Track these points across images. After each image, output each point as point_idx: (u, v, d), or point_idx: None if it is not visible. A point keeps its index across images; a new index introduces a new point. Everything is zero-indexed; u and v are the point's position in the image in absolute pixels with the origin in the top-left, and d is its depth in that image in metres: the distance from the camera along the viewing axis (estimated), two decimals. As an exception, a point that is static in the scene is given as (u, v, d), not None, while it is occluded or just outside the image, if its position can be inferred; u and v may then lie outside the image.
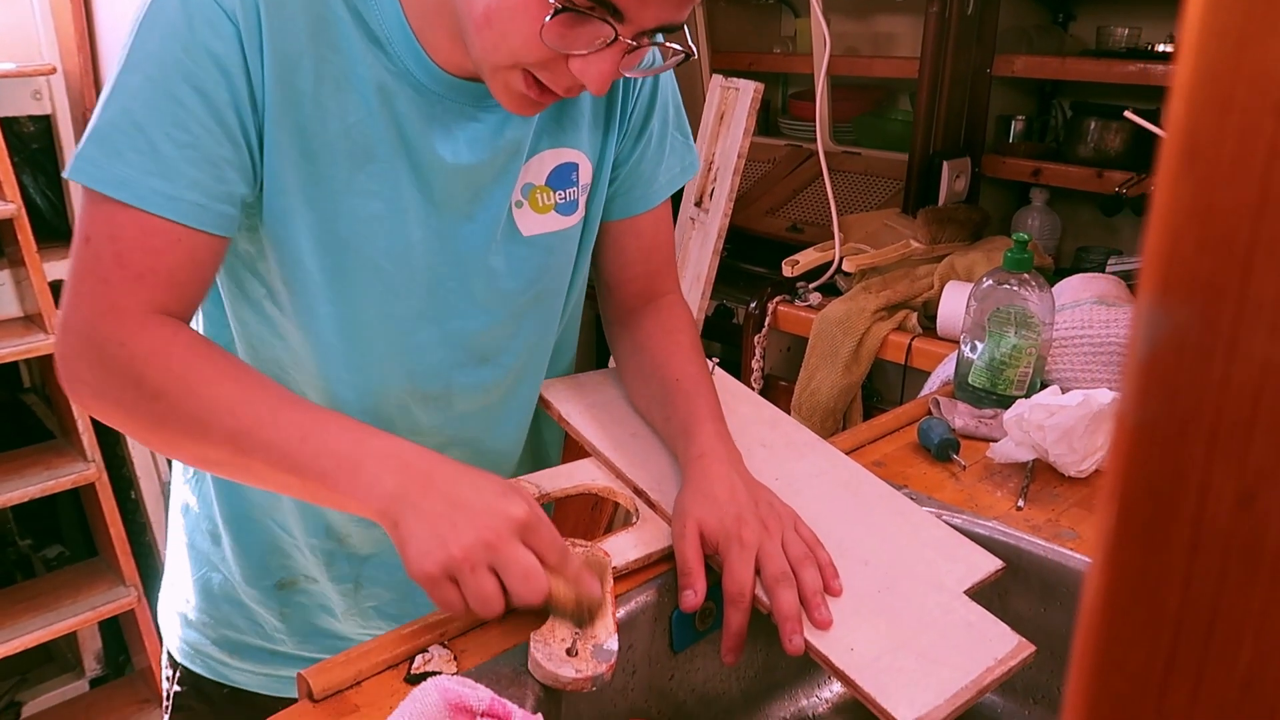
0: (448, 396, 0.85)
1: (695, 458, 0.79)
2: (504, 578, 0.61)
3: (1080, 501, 0.92)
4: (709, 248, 1.58)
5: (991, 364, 1.09)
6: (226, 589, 0.90)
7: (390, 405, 0.83)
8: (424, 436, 0.86)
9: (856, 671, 0.67)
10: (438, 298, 0.80)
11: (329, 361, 0.81)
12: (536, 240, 0.84)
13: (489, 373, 0.86)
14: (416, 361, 0.82)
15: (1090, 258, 1.70)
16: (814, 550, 0.75)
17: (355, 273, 0.76)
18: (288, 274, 0.76)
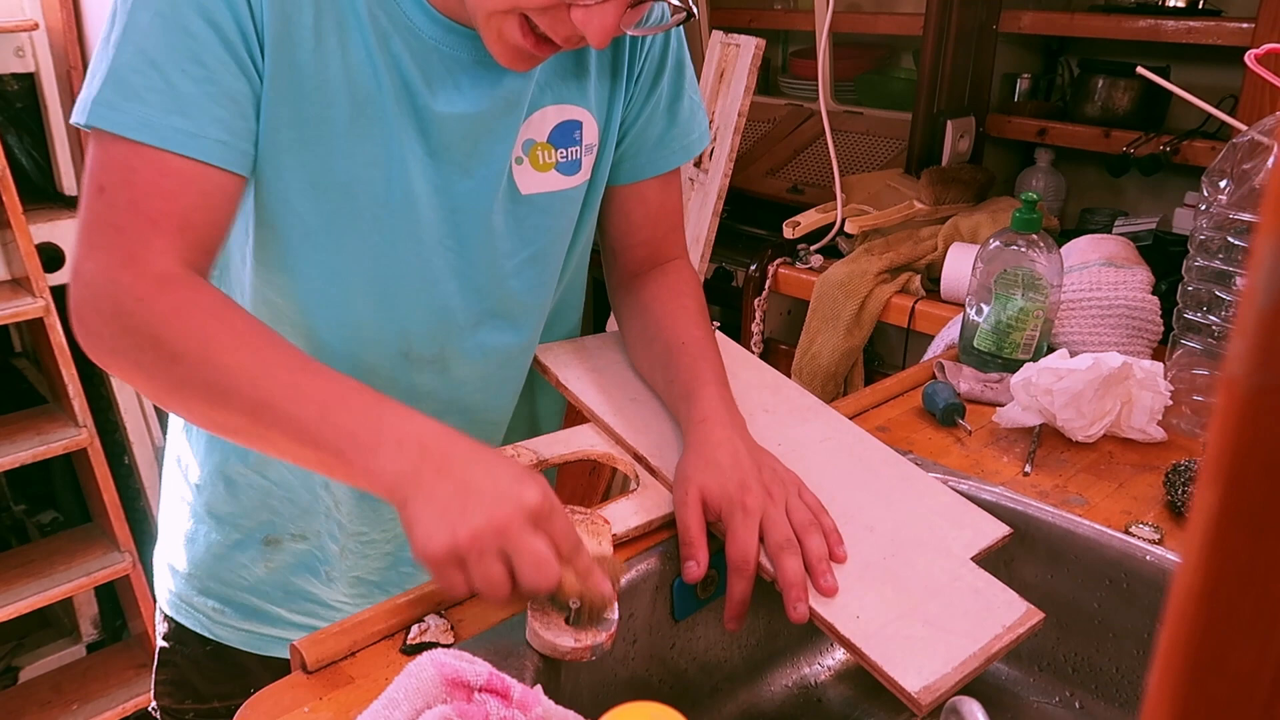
0: (443, 360, 0.83)
1: (697, 422, 0.77)
2: (515, 564, 0.58)
3: (1088, 467, 0.90)
4: (709, 209, 1.56)
5: (997, 327, 1.07)
6: (213, 541, 0.89)
7: (384, 372, 0.81)
8: (421, 401, 0.84)
9: (863, 640, 0.66)
10: (436, 256, 0.78)
11: (317, 317, 0.79)
12: (535, 200, 0.81)
13: (486, 336, 0.84)
14: (410, 322, 0.80)
15: (1095, 219, 1.67)
16: (818, 516, 0.73)
17: (351, 220, 0.74)
18: (277, 218, 0.74)
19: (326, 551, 0.88)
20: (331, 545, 0.88)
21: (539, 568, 0.58)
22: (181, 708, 0.94)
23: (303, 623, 0.90)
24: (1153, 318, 1.09)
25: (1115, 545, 0.78)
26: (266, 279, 0.78)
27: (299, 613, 0.91)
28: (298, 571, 0.89)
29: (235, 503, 0.87)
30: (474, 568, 0.58)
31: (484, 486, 0.59)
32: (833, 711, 0.84)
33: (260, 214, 0.74)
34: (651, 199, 0.91)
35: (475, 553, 0.58)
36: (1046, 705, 0.83)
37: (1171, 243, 1.35)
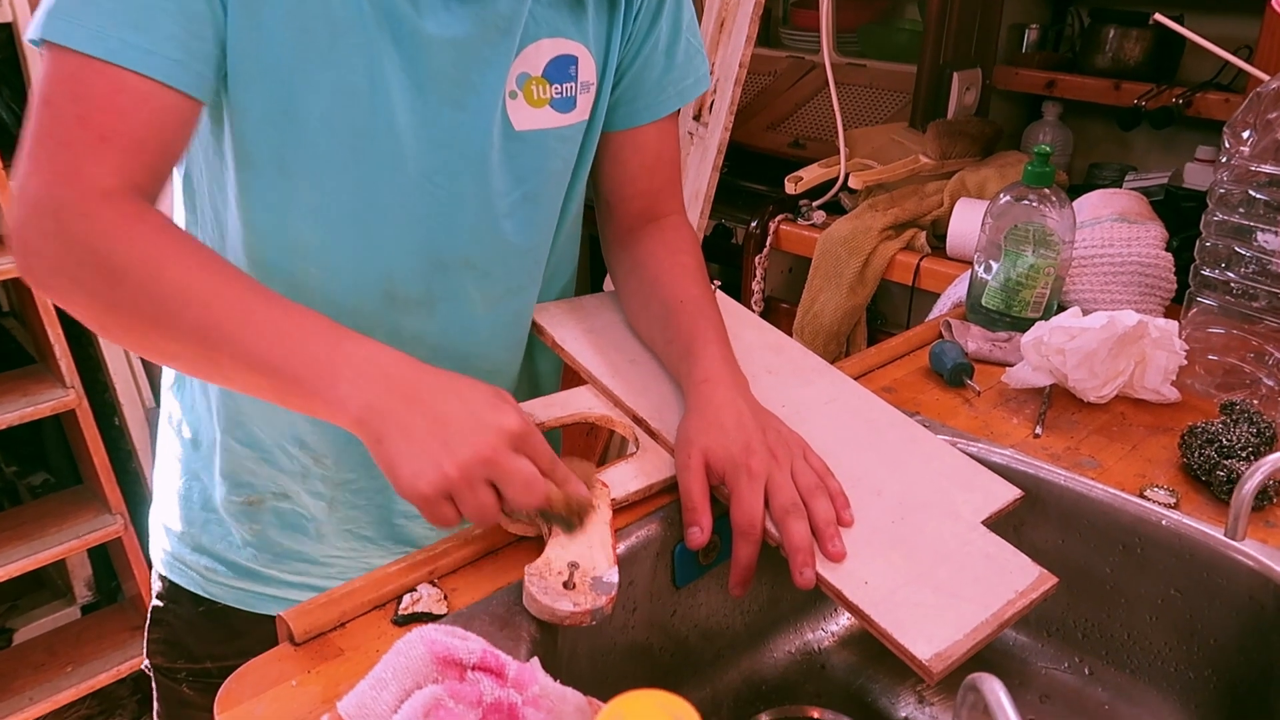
0: (429, 302, 0.80)
1: (699, 383, 0.75)
2: (504, 490, 0.59)
3: (1100, 429, 0.88)
4: (708, 163, 1.52)
5: (1007, 285, 1.04)
6: (205, 499, 0.87)
7: (368, 312, 0.78)
8: (406, 346, 0.81)
9: (871, 606, 0.64)
10: (423, 192, 0.75)
11: (298, 252, 0.75)
12: (529, 136, 0.77)
13: (475, 280, 0.81)
14: (394, 261, 0.77)
15: (1103, 174, 1.64)
16: (824, 480, 0.70)
17: (329, 154, 0.71)
18: (252, 152, 0.71)
19: (311, 509, 0.86)
20: (316, 502, 0.85)
21: (528, 489, 0.59)
22: (174, 667, 0.93)
23: (296, 580, 0.89)
24: (1166, 275, 1.06)
25: (1130, 510, 0.76)
26: (245, 219, 0.74)
27: (291, 572, 0.89)
28: (285, 532, 0.87)
29: (217, 463, 0.85)
30: (464, 499, 0.58)
31: (460, 417, 0.59)
32: (836, 678, 0.83)
33: (235, 147, 0.71)
34: (648, 147, 0.87)
35: (465, 485, 0.57)
36: (1055, 671, 0.82)
37: (1184, 198, 1.32)
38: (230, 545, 0.88)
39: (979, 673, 0.43)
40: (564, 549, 0.63)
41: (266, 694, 0.56)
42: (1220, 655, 0.73)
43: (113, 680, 1.78)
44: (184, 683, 0.93)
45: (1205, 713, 0.74)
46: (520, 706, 0.41)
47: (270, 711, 0.55)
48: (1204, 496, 0.78)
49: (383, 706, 0.40)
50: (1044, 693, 0.80)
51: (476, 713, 0.41)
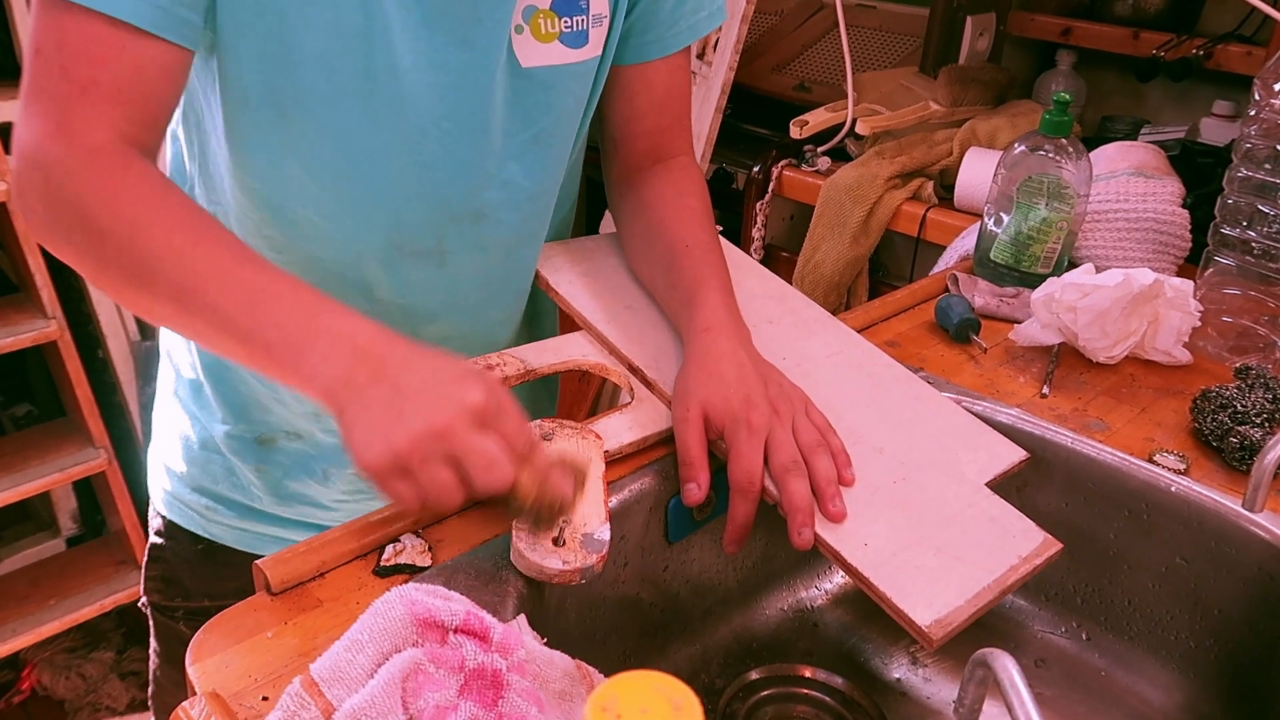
0: (439, 253, 0.77)
1: (700, 331, 0.72)
2: (465, 467, 0.54)
3: (1108, 390, 0.85)
4: (711, 104, 1.47)
5: (1017, 238, 1.00)
6: (206, 438, 0.85)
7: (374, 264, 0.75)
8: (416, 300, 0.78)
9: (871, 569, 0.62)
10: (429, 137, 0.71)
11: (299, 200, 0.72)
12: (536, 74, 0.73)
13: (486, 229, 0.77)
14: (402, 212, 0.74)
15: (1116, 127, 1.59)
16: (826, 437, 0.68)
17: (330, 95, 0.67)
18: (249, 97, 0.67)
19: (323, 446, 0.84)
20: (329, 439, 0.83)
21: (489, 468, 0.54)
22: (171, 605, 0.91)
23: (299, 520, 0.87)
24: (1181, 233, 1.02)
25: (1138, 475, 0.73)
26: (246, 165, 0.71)
27: (294, 513, 0.87)
28: (293, 474, 0.85)
29: (226, 401, 0.83)
30: (420, 476, 0.53)
31: (420, 389, 0.55)
32: (829, 636, 0.81)
33: (230, 91, 0.67)
34: (657, 83, 0.83)
35: (418, 459, 0.53)
36: (1051, 635, 0.80)
37: (1200, 153, 1.28)
38: (233, 485, 0.86)
39: (989, 648, 0.40)
40: None
41: (241, 645, 0.54)
42: (1224, 626, 0.71)
43: (97, 614, 1.77)
44: (181, 620, 0.91)
45: (1204, 683, 0.73)
46: (505, 672, 0.39)
47: (245, 664, 0.52)
48: (1214, 463, 0.76)
49: (358, 670, 0.37)
50: (1039, 657, 0.79)
51: (458, 678, 0.38)
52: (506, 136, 0.74)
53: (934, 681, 0.77)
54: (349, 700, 0.36)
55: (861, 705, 0.74)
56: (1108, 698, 0.75)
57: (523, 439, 0.57)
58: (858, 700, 0.74)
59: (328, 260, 0.75)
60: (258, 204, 0.73)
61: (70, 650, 1.92)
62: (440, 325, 0.81)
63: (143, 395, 1.84)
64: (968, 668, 0.42)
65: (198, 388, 0.85)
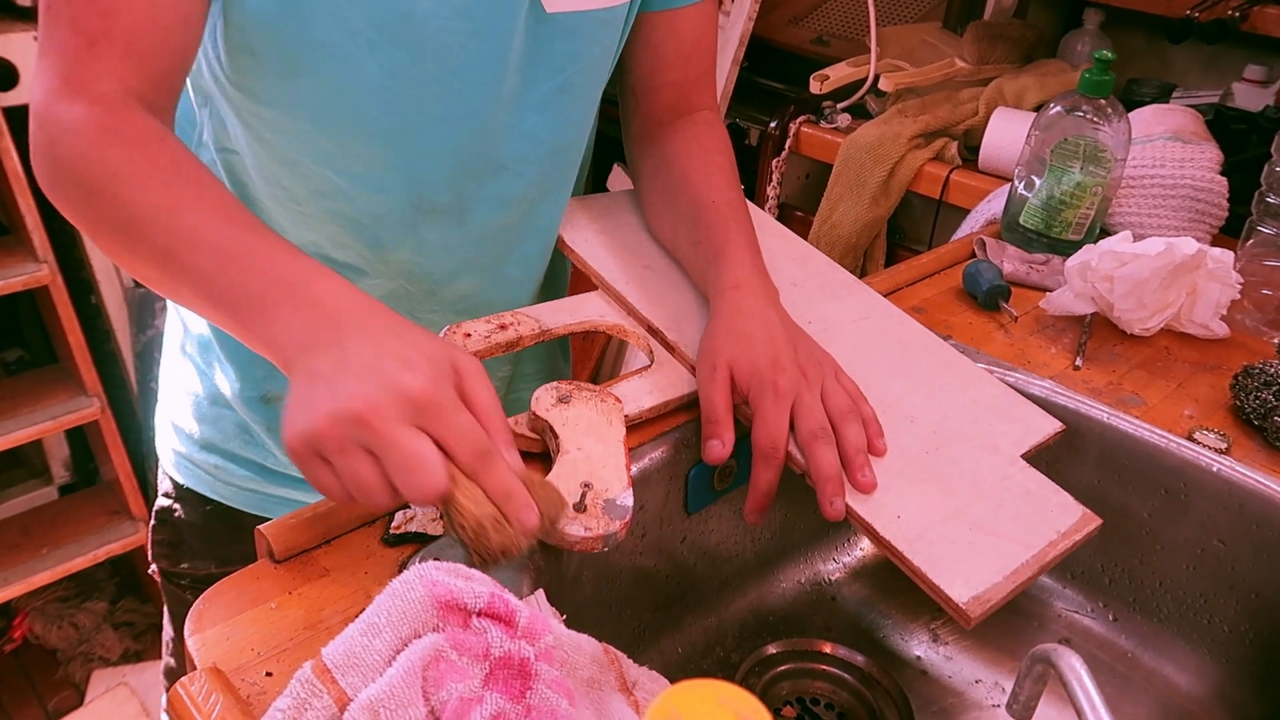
0: (460, 210, 0.73)
1: (727, 288, 0.68)
2: (384, 467, 0.46)
3: (1143, 363, 0.82)
4: (729, 56, 1.42)
5: (1049, 203, 0.96)
6: (216, 394, 0.82)
7: (394, 222, 0.72)
8: (435, 259, 0.75)
9: (905, 543, 0.59)
10: (448, 88, 0.67)
11: (314, 159, 0.68)
12: (562, 20, 0.69)
13: (507, 183, 0.73)
14: (423, 166, 0.70)
15: (1142, 91, 1.54)
16: (857, 404, 0.65)
17: (343, 47, 0.63)
18: (257, 48, 0.63)
19: None
20: None
21: (408, 471, 0.45)
22: (177, 571, 0.88)
23: None
24: (1219, 201, 0.98)
25: (1177, 453, 0.71)
26: (257, 119, 0.68)
27: None
28: None
29: (234, 356, 0.79)
30: (336, 462, 0.46)
31: (361, 366, 0.47)
32: (847, 611, 0.79)
33: (236, 42, 0.63)
34: (686, 31, 0.78)
35: (333, 445, 0.46)
36: (1076, 615, 0.78)
37: (1234, 119, 1.23)
38: (245, 442, 0.83)
39: (1053, 644, 0.37)
40: (575, 467, 0.58)
41: (243, 615, 0.51)
42: (1261, 611, 0.69)
43: (90, 564, 1.74)
44: (187, 589, 0.88)
45: (1236, 669, 0.70)
46: (533, 661, 0.36)
47: (246, 635, 0.49)
48: (1256, 442, 0.73)
49: (374, 656, 0.34)
50: (1063, 637, 0.77)
51: (483, 667, 0.35)
52: (528, 86, 0.70)
53: (955, 660, 0.75)
54: (366, 690, 0.33)
55: (881, 683, 0.72)
56: (1134, 680, 0.73)
57: (470, 446, 0.47)
58: (877, 678, 0.72)
59: (346, 216, 0.71)
60: (272, 156, 0.69)
61: (63, 600, 1.90)
62: (460, 284, 0.77)
63: (136, 343, 1.80)
64: (1025, 662, 0.39)
65: (206, 344, 0.81)
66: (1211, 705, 0.70)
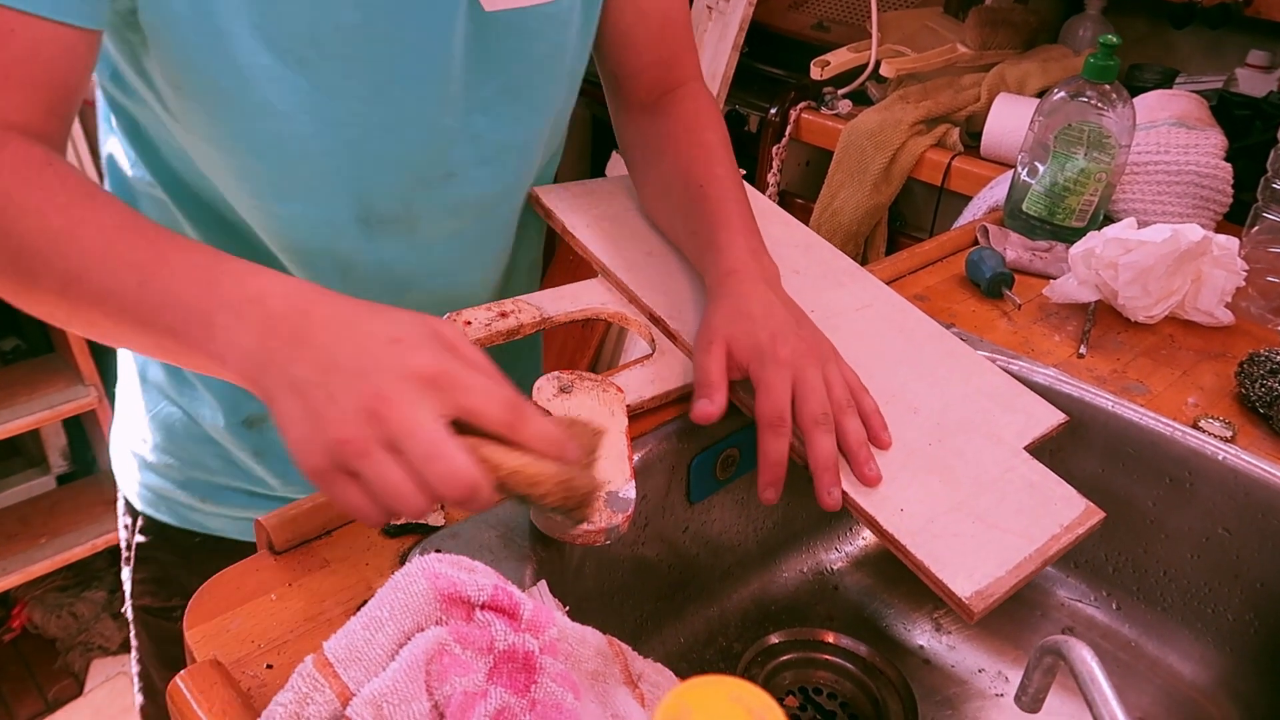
0: (410, 220, 0.70)
1: (725, 274, 0.67)
2: (407, 456, 0.41)
3: (1147, 351, 0.82)
4: (728, 42, 1.41)
5: (1052, 190, 0.96)
6: (190, 425, 0.77)
7: (342, 241, 0.68)
8: (385, 272, 0.71)
9: (908, 537, 0.58)
10: (387, 97, 0.63)
11: (257, 197, 0.65)
12: (502, 18, 0.65)
13: (457, 190, 0.70)
14: (367, 181, 0.66)
15: (1145, 77, 1.53)
16: (859, 396, 0.64)
17: (272, 70, 0.59)
18: (177, 72, 0.59)
19: None
20: None
21: (430, 460, 0.41)
22: (168, 605, 0.83)
23: None
24: (1223, 188, 0.98)
25: (1183, 441, 0.70)
26: (193, 155, 0.64)
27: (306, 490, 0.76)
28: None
29: (204, 379, 0.75)
30: (365, 476, 0.42)
31: (350, 359, 0.43)
32: (850, 600, 0.78)
33: (167, 75, 0.59)
34: (653, 13, 0.76)
35: (355, 451, 0.41)
36: (1080, 604, 0.77)
37: (1238, 104, 1.22)
38: (234, 474, 0.78)
39: (1063, 636, 0.37)
40: None
41: (242, 608, 0.50)
42: (1266, 600, 0.69)
43: (88, 553, 1.74)
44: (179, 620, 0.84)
45: (1241, 658, 0.70)
46: (537, 655, 0.35)
47: (246, 628, 0.49)
48: (1262, 430, 0.72)
49: (377, 651, 0.34)
50: (1066, 626, 0.76)
51: (487, 661, 0.35)
52: (471, 88, 0.67)
53: (958, 649, 0.74)
54: (368, 685, 0.33)
55: (884, 673, 0.71)
56: (1137, 670, 0.73)
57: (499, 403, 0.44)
58: (880, 667, 0.72)
59: (293, 245, 0.68)
60: (212, 195, 0.66)
61: (62, 589, 1.90)
62: (416, 294, 0.74)
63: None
64: (1034, 654, 0.39)
65: (173, 369, 0.76)
66: (1216, 694, 0.70)
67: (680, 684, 0.24)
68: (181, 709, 0.44)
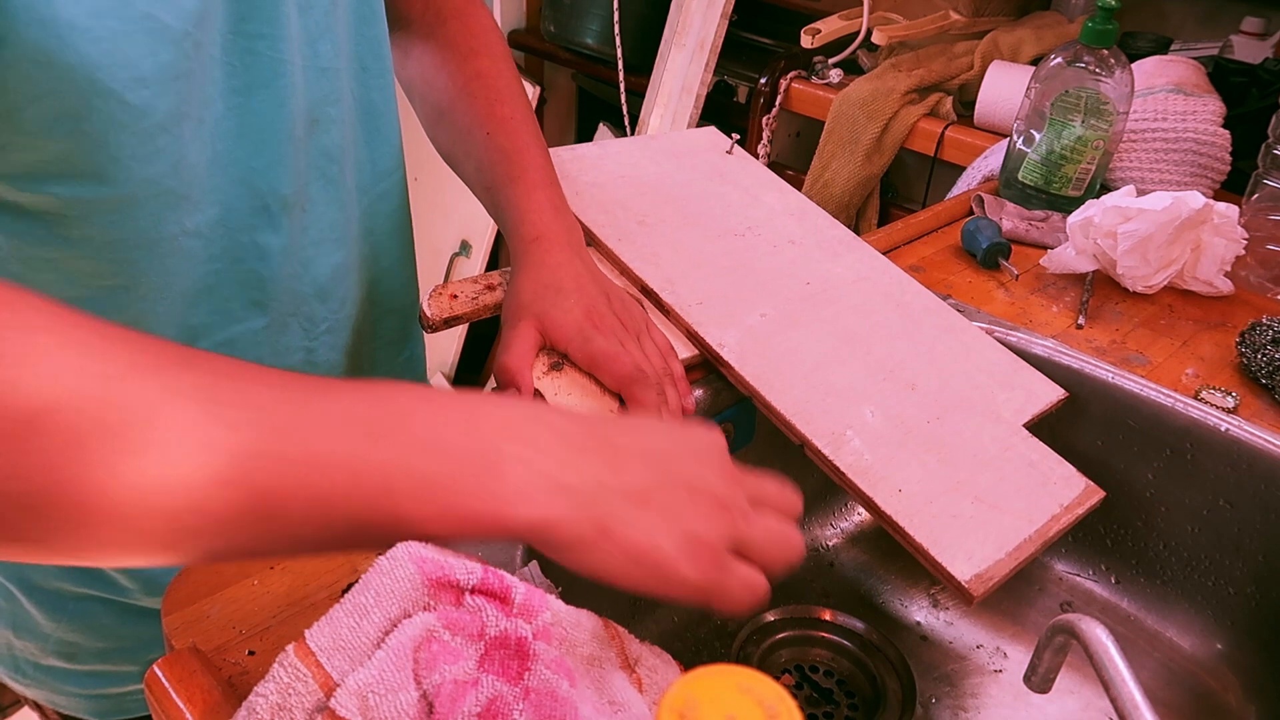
0: (301, 200, 0.59)
1: (529, 242, 0.62)
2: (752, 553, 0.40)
3: (1145, 321, 0.80)
4: (717, 10, 1.38)
5: (1048, 158, 0.94)
6: None
7: (252, 240, 0.57)
8: (300, 268, 0.61)
9: (906, 518, 0.57)
10: (237, 60, 0.52)
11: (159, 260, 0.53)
12: None
13: (326, 137, 0.60)
14: (258, 161, 0.56)
15: (1139, 45, 1.51)
16: (669, 363, 0.62)
17: None
18: (33, 126, 0.44)
19: None
20: None
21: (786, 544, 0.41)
22: None
23: None
24: (1221, 154, 0.96)
25: (1185, 413, 0.69)
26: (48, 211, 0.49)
27: None
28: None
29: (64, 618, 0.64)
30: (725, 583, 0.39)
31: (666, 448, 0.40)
32: (846, 577, 0.77)
33: None
34: None
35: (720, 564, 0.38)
36: (1078, 578, 0.76)
37: (1235, 72, 1.21)
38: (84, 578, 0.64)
39: (1075, 614, 0.36)
40: None
41: (223, 593, 0.48)
42: (1268, 573, 0.68)
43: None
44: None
45: (1241, 631, 0.69)
46: (530, 640, 0.34)
47: (226, 614, 0.47)
48: (1264, 401, 0.71)
49: (362, 639, 0.32)
50: (1064, 600, 0.75)
51: (477, 647, 0.33)
52: (305, 12, 0.55)
53: (956, 625, 0.73)
54: (353, 674, 0.31)
55: (881, 650, 0.70)
56: (1137, 644, 0.72)
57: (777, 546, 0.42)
58: (877, 644, 0.71)
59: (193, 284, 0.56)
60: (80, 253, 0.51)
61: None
62: (339, 290, 0.65)
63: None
64: (1045, 633, 0.38)
65: None
66: (1216, 668, 0.70)
67: (685, 674, 0.22)
68: (159, 698, 0.42)
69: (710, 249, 0.74)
